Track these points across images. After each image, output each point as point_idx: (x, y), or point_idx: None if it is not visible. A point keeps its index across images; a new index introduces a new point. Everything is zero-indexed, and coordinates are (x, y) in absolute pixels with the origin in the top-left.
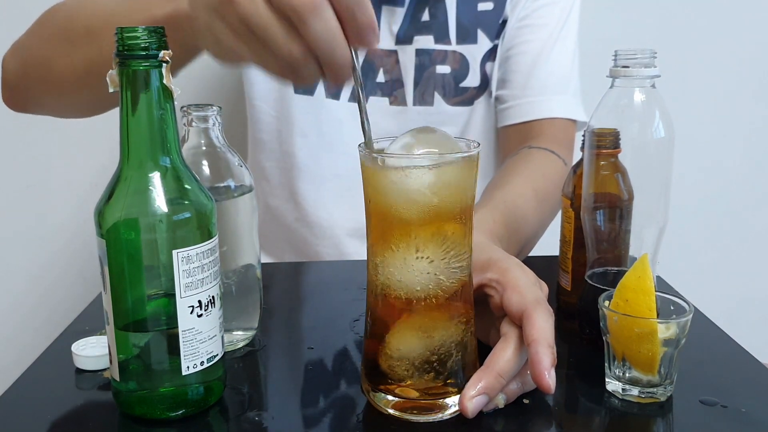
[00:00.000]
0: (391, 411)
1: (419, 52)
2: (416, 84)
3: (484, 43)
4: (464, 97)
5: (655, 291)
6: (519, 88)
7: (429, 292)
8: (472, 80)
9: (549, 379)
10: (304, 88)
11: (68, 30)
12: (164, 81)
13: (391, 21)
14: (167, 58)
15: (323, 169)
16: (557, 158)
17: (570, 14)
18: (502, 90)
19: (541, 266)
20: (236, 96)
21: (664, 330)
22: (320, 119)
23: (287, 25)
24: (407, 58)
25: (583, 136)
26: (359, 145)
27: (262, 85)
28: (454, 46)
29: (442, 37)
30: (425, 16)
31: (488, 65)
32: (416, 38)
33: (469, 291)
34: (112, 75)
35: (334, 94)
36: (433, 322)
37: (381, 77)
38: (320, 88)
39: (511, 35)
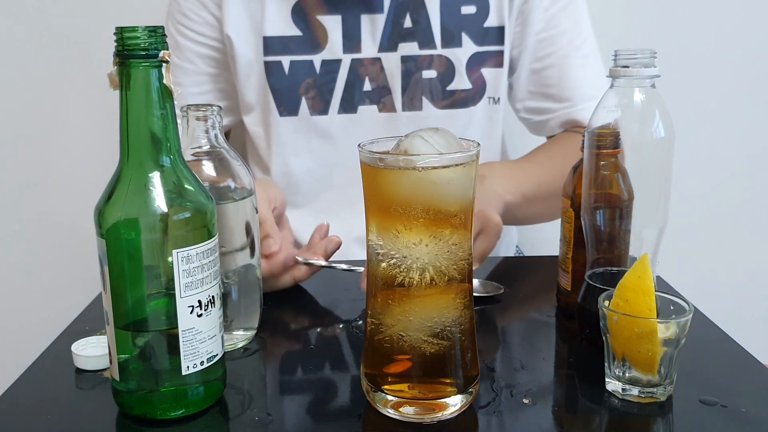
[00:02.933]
0: (391, 411)
1: (405, 59)
2: (404, 90)
3: (468, 46)
4: (452, 100)
5: (655, 291)
6: (556, 100)
7: (428, 285)
8: (460, 83)
9: None
10: None
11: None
12: (164, 81)
13: (373, 29)
14: (167, 58)
15: (318, 183)
16: None
17: (581, 12)
18: (539, 102)
19: (541, 266)
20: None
21: (664, 330)
22: (309, 137)
23: None
24: (392, 65)
25: (583, 135)
26: (359, 145)
27: (254, 112)
28: (439, 50)
29: (427, 42)
30: (407, 23)
31: (486, 71)
32: (401, 45)
33: (468, 287)
34: (112, 75)
35: (321, 110)
36: (433, 318)
37: (367, 85)
38: (304, 106)
39: (534, 48)
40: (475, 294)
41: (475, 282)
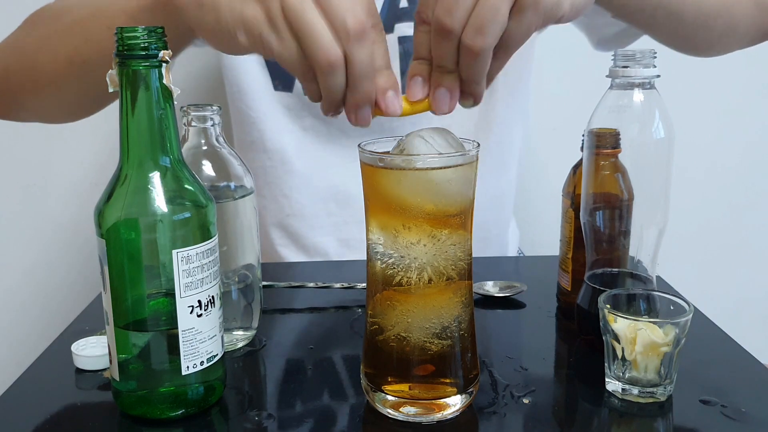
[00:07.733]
0: (390, 411)
1: (402, 40)
2: (403, 73)
3: None
4: None
5: (656, 291)
6: None
7: (427, 285)
8: None
9: None
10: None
11: (55, 25)
12: (164, 81)
13: None
14: (167, 58)
15: (311, 162)
16: None
17: None
18: None
19: (541, 266)
20: None
21: (664, 331)
22: (302, 115)
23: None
24: (390, 46)
25: (583, 135)
26: (359, 145)
27: (243, 85)
28: None
29: None
30: (403, 2)
31: None
32: (397, 26)
33: (468, 287)
34: (112, 75)
35: None
36: (432, 318)
37: None
38: (298, 84)
39: None
40: (496, 294)
41: (489, 284)
